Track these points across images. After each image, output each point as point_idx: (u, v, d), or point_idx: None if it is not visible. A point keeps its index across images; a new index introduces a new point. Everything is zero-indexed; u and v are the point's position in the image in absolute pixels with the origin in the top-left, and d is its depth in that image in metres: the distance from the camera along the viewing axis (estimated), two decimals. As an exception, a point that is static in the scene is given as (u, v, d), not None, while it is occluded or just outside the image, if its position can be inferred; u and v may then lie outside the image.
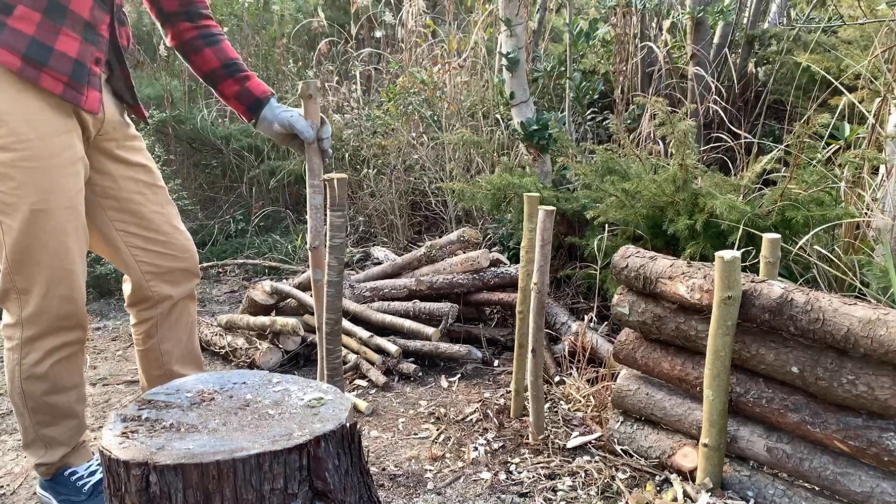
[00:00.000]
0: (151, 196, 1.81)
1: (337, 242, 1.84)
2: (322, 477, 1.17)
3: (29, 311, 1.61)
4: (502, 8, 3.14)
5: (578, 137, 3.66)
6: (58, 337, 1.65)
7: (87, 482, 1.78)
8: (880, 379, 1.47)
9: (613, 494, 1.81)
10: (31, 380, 1.66)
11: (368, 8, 5.14)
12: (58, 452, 1.75)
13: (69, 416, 1.74)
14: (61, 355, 1.67)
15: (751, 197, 2.51)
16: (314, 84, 1.83)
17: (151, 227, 1.80)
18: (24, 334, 1.63)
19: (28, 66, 1.50)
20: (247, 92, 1.84)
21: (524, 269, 2.12)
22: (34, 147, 1.53)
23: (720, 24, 3.62)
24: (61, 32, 1.53)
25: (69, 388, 1.72)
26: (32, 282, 1.59)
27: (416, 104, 4.20)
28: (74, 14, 1.55)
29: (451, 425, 2.24)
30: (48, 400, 1.69)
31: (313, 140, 1.83)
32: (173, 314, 1.89)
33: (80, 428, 1.79)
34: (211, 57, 1.80)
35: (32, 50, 1.50)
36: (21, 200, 1.53)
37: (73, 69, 1.55)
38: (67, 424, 1.75)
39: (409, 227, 4.18)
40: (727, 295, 1.59)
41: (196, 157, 4.96)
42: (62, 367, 1.68)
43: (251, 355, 2.71)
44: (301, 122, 1.82)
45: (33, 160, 1.53)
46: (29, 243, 1.56)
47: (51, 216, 1.56)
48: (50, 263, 1.58)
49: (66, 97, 1.55)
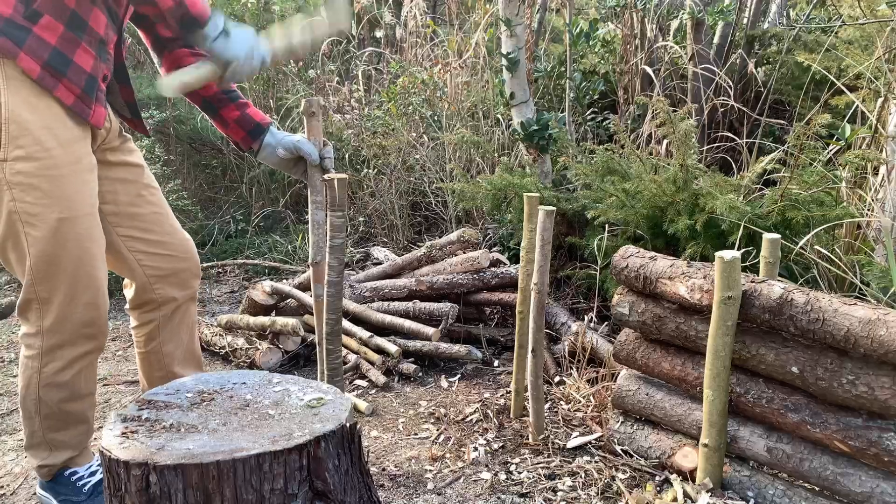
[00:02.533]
0: (149, 197, 1.81)
1: (337, 242, 1.84)
2: (322, 477, 1.17)
3: (51, 321, 1.60)
4: (502, 8, 3.14)
5: (578, 137, 3.66)
6: (79, 346, 1.64)
7: (88, 482, 1.78)
8: (880, 379, 1.47)
9: (613, 495, 1.81)
10: (50, 387, 1.65)
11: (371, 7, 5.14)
12: (62, 455, 1.75)
13: (81, 421, 1.75)
14: (82, 364, 1.67)
15: (751, 197, 2.51)
16: (317, 102, 1.84)
17: (153, 230, 1.80)
18: (45, 343, 1.62)
19: (47, 74, 1.50)
20: (247, 117, 1.85)
21: (524, 270, 2.12)
22: (56, 155, 1.53)
23: (720, 24, 3.62)
24: (80, 46, 1.54)
25: (85, 395, 1.72)
26: (56, 291, 1.58)
27: (416, 104, 4.20)
28: (92, 30, 1.56)
29: (451, 425, 2.24)
30: (63, 407, 1.69)
31: (318, 161, 1.83)
32: (176, 316, 1.88)
33: (88, 432, 1.79)
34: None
35: (54, 59, 1.50)
36: (47, 210, 1.53)
37: (86, 83, 1.56)
38: (78, 430, 1.75)
39: (409, 227, 4.18)
40: (727, 295, 1.59)
41: (196, 157, 4.96)
42: (81, 376, 1.68)
43: (251, 355, 2.71)
44: (307, 144, 1.82)
45: (56, 168, 1.53)
46: (55, 252, 1.56)
47: (75, 224, 1.56)
48: (75, 271, 1.58)
49: (75, 109, 1.55)
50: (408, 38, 4.74)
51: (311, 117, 1.83)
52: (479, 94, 4.09)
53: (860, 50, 2.86)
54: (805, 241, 2.20)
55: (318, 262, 1.87)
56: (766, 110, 3.46)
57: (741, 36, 3.76)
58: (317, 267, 1.88)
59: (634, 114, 3.55)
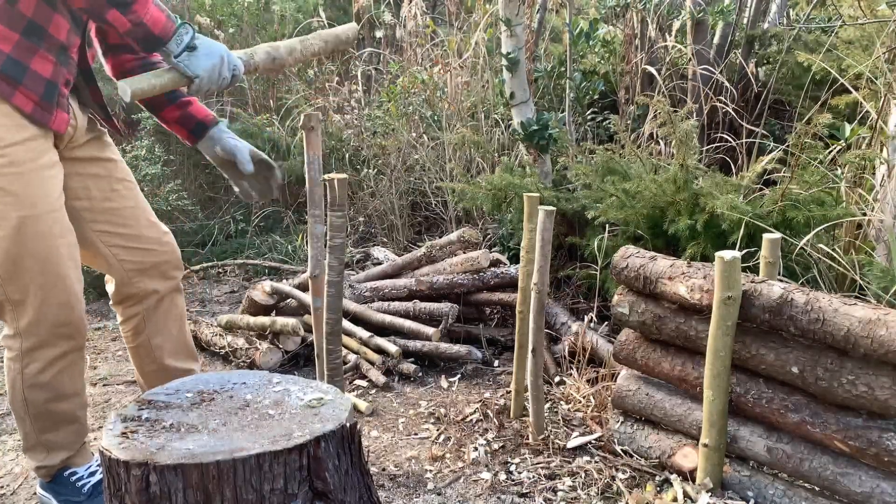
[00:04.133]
0: (124, 192, 1.80)
1: (337, 242, 1.84)
2: (322, 477, 1.17)
3: (26, 322, 1.60)
4: (502, 8, 3.13)
5: (578, 137, 3.66)
6: (57, 346, 1.64)
7: (88, 483, 1.78)
8: (880, 379, 1.47)
9: (613, 495, 1.81)
10: (34, 388, 1.65)
11: (371, 7, 5.14)
12: (59, 456, 1.75)
13: (71, 421, 1.74)
14: (62, 364, 1.66)
15: (751, 197, 2.51)
16: (316, 116, 1.84)
17: (128, 224, 1.79)
18: (23, 345, 1.62)
19: (2, 82, 1.49)
20: (188, 115, 1.86)
21: (524, 270, 2.12)
22: (15, 153, 1.52)
23: (720, 24, 3.62)
24: (38, 53, 1.53)
25: (70, 395, 1.71)
26: (26, 292, 1.57)
27: (416, 104, 4.20)
28: (51, 37, 1.55)
29: (451, 425, 2.24)
30: (50, 407, 1.69)
31: (249, 170, 1.86)
32: (161, 308, 1.88)
33: (81, 432, 1.79)
34: None
35: (8, 67, 1.50)
36: (9, 209, 1.52)
37: (45, 89, 1.55)
38: (69, 429, 1.75)
39: (409, 227, 4.18)
40: (727, 295, 1.59)
41: (196, 157, 4.95)
42: (64, 376, 1.68)
43: (251, 355, 2.71)
44: (244, 154, 1.85)
45: (15, 166, 1.52)
46: (18, 252, 1.54)
47: (38, 222, 1.55)
48: (42, 270, 1.57)
49: (35, 116, 1.54)
50: (407, 38, 4.74)
51: (311, 132, 1.83)
52: (479, 94, 4.09)
53: (860, 50, 2.86)
54: (805, 240, 2.20)
55: (317, 276, 1.87)
56: (766, 110, 3.45)
57: (741, 36, 3.76)
58: (315, 281, 1.88)
59: (634, 114, 3.55)
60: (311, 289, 1.91)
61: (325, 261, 1.86)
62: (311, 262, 1.87)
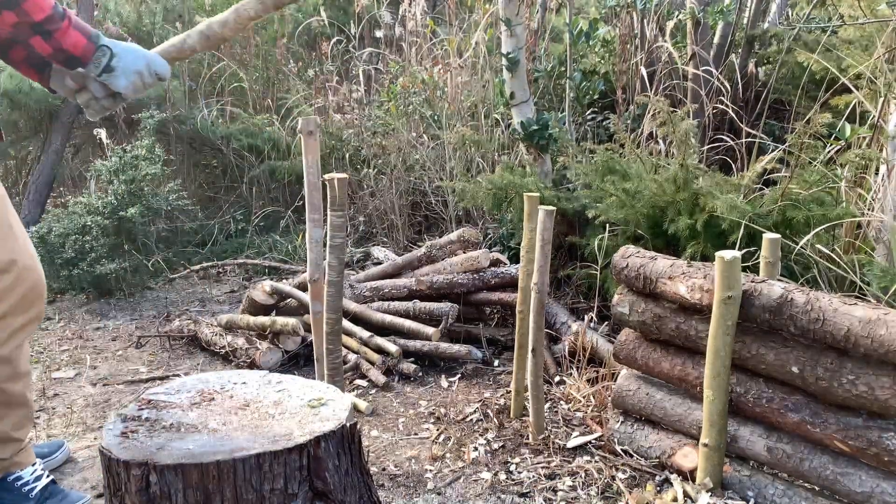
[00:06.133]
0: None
1: (337, 242, 1.84)
2: (322, 477, 1.17)
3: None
4: (502, 8, 3.13)
5: (578, 137, 3.66)
6: (23, 315, 1.64)
7: (34, 487, 1.76)
8: (880, 379, 1.47)
9: (613, 494, 1.81)
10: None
11: (371, 7, 5.14)
12: (8, 450, 1.73)
13: (22, 404, 1.73)
14: (24, 336, 1.66)
15: (751, 197, 2.51)
16: (314, 121, 1.84)
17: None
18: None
19: None
20: (35, 54, 1.67)
21: (524, 269, 2.12)
22: None
23: (720, 24, 3.62)
24: None
25: (23, 374, 1.71)
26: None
27: (416, 104, 4.20)
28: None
29: (451, 425, 2.24)
30: (5, 387, 1.68)
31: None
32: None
33: (29, 418, 1.77)
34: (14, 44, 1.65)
35: None
36: None
37: None
38: (18, 413, 1.73)
39: (409, 226, 4.18)
40: (727, 295, 1.59)
41: (196, 157, 4.95)
42: (21, 351, 1.68)
43: (251, 355, 2.71)
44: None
45: None
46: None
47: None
48: None
49: None
50: (407, 38, 4.74)
51: (309, 136, 1.83)
52: (479, 93, 4.09)
53: (860, 50, 2.86)
54: (805, 240, 2.20)
55: (317, 280, 1.87)
56: (766, 110, 3.46)
57: (741, 36, 3.76)
58: (315, 284, 1.88)
59: (634, 113, 3.55)
60: (311, 293, 1.91)
61: (324, 264, 1.86)
62: (311, 267, 1.86)
